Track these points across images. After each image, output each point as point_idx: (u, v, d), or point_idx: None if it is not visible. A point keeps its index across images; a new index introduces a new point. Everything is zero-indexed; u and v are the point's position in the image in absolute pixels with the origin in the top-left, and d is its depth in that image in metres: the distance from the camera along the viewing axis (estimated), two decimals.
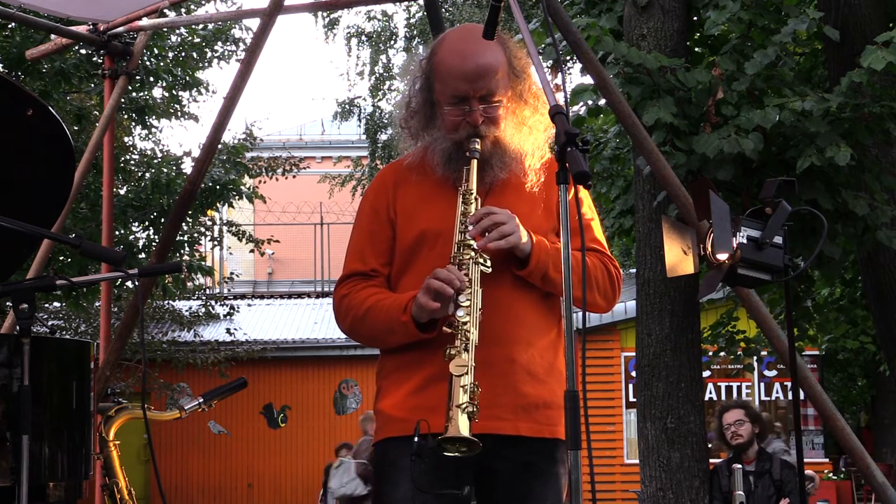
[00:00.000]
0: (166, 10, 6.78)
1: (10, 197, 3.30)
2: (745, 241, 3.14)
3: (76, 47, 10.38)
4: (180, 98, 13.68)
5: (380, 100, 20.37)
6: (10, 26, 10.70)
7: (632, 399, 14.06)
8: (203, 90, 13.61)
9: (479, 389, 2.46)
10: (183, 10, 10.77)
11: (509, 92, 2.71)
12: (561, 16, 5.19)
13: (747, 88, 7.14)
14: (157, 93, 13.39)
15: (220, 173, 13.08)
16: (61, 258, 11.26)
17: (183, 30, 12.98)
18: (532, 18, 9.62)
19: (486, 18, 2.53)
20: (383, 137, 19.90)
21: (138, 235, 12.93)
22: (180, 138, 78.81)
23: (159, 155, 13.69)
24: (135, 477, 3.81)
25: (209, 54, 13.62)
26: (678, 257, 3.29)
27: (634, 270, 8.26)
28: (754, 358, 13.31)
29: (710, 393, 15.34)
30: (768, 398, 15.87)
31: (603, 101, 7.33)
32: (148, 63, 12.15)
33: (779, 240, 3.19)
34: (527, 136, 2.72)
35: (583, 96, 7.31)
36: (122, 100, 7.92)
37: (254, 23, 10.05)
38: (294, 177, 16.10)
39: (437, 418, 2.45)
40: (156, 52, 12.30)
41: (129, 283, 9.45)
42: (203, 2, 13.62)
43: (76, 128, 11.22)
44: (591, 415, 2.28)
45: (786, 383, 15.26)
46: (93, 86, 11.62)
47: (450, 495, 2.57)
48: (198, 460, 16.86)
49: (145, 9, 6.11)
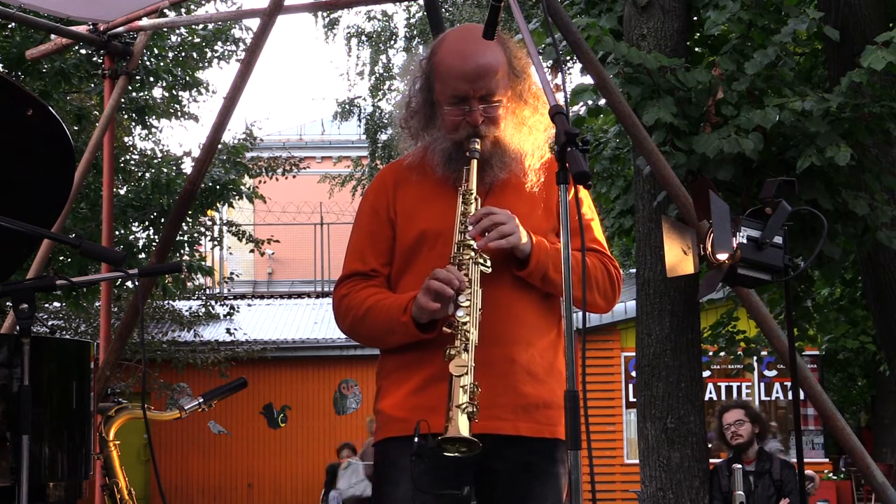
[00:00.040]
0: (166, 10, 6.78)
1: (10, 197, 3.30)
2: (745, 241, 3.14)
3: (76, 47, 10.38)
4: (180, 98, 13.67)
5: (380, 100, 20.37)
6: (10, 26, 10.70)
7: (632, 399, 14.05)
8: (203, 90, 13.61)
9: (479, 390, 2.46)
10: (183, 10, 10.77)
11: (509, 92, 2.71)
12: (561, 16, 5.19)
13: (747, 88, 7.14)
14: (157, 93, 13.39)
15: (220, 173, 13.07)
16: (61, 258, 11.26)
17: (183, 30, 12.98)
18: (532, 18, 9.62)
19: (486, 18, 2.53)
20: (383, 137, 19.89)
21: (138, 235, 12.93)
22: (180, 138, 78.86)
23: (159, 155, 13.68)
24: (135, 477, 3.81)
25: (209, 54, 13.62)
26: (678, 257, 3.29)
27: (634, 270, 8.26)
28: (754, 358, 13.31)
29: (710, 393, 15.33)
30: (768, 398, 15.87)
31: (603, 101, 7.33)
32: (148, 63, 12.14)
33: (779, 240, 3.19)
34: (527, 136, 2.72)
35: (583, 96, 7.31)
36: (122, 100, 7.92)
37: (254, 23, 10.05)
38: (294, 177, 16.09)
39: (437, 418, 2.45)
40: (156, 52, 12.30)
41: (129, 283, 9.45)
42: (203, 2, 13.63)
43: (76, 128, 11.21)
44: (591, 415, 2.28)
45: (786, 383, 15.26)
46: (93, 86, 11.62)
47: (450, 495, 2.56)
48: (198, 460, 16.85)
49: (145, 9, 6.11)
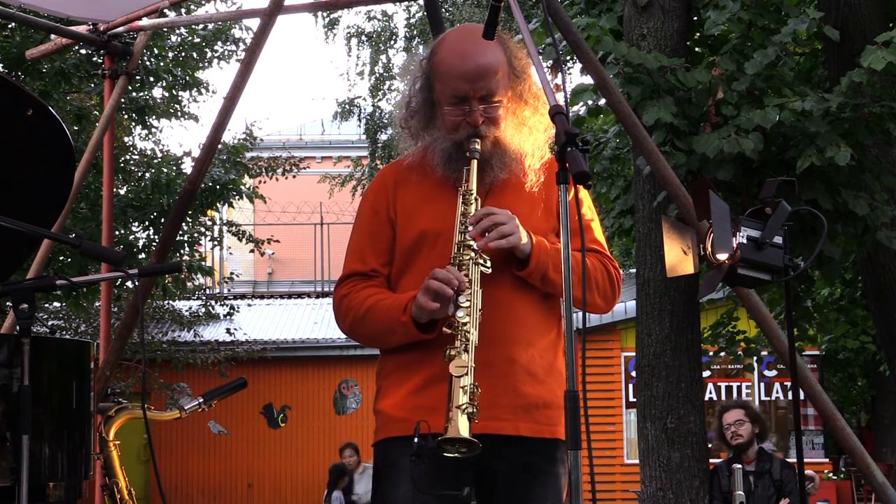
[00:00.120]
0: (166, 10, 6.78)
1: (10, 197, 3.30)
2: (745, 241, 3.14)
3: (76, 47, 10.38)
4: (180, 98, 13.67)
5: (380, 100, 20.37)
6: (10, 26, 10.70)
7: (632, 399, 14.05)
8: (203, 90, 13.60)
9: (479, 390, 2.46)
10: (183, 10, 10.77)
11: (509, 92, 2.70)
12: (561, 16, 5.19)
13: (747, 88, 7.13)
14: (157, 93, 13.39)
15: (220, 173, 13.07)
16: (61, 258, 11.26)
17: (183, 30, 12.98)
18: (532, 18, 9.62)
19: (486, 18, 2.53)
20: (383, 137, 19.89)
21: (138, 235, 12.92)
22: (180, 138, 78.87)
23: (159, 155, 13.68)
24: (135, 477, 3.81)
25: (209, 54, 13.61)
26: (678, 257, 3.29)
27: (634, 270, 8.26)
28: (754, 358, 13.31)
29: (710, 393, 15.33)
30: (768, 398, 15.86)
31: (603, 101, 7.33)
32: (148, 63, 12.14)
33: (779, 240, 3.18)
34: (527, 136, 2.72)
35: (583, 96, 7.31)
36: (122, 100, 7.92)
37: (254, 23, 10.05)
38: (294, 177, 16.09)
39: (437, 419, 2.45)
40: (156, 52, 12.30)
41: (129, 283, 9.44)
42: (203, 2, 13.63)
43: (76, 128, 11.21)
44: (591, 415, 2.27)
45: (786, 383, 15.26)
46: (93, 86, 11.62)
47: (450, 496, 2.56)
48: (198, 460, 16.85)
49: (145, 9, 6.11)
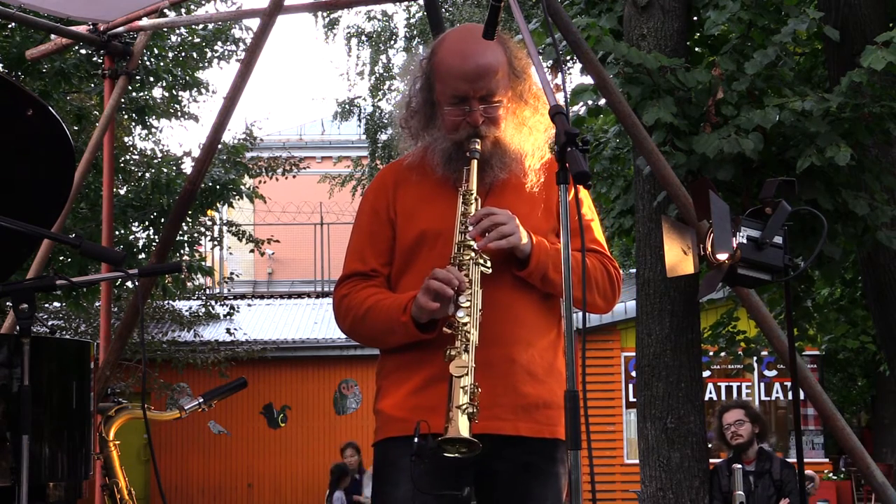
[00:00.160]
0: (166, 10, 6.77)
1: (10, 197, 3.30)
2: (745, 241, 3.14)
3: (76, 47, 10.38)
4: (180, 98, 13.67)
5: (380, 100, 20.37)
6: (10, 26, 10.70)
7: (632, 399, 14.05)
8: (203, 90, 13.60)
9: (479, 390, 2.46)
10: (183, 10, 10.77)
11: (509, 92, 2.70)
12: (561, 16, 5.19)
13: (747, 88, 7.13)
14: (157, 93, 13.38)
15: (220, 173, 13.07)
16: (61, 258, 11.25)
17: (183, 30, 12.98)
18: (532, 18, 9.62)
19: (486, 18, 2.53)
20: (383, 137, 19.89)
21: (138, 235, 12.92)
22: (180, 138, 78.87)
23: (159, 155, 13.68)
24: (135, 477, 3.81)
25: (209, 54, 13.61)
26: (678, 257, 3.29)
27: (634, 270, 8.26)
28: (754, 358, 13.31)
29: (710, 393, 15.33)
30: (768, 398, 15.86)
31: (603, 101, 7.33)
32: (148, 63, 12.14)
33: (779, 240, 3.18)
34: (527, 136, 2.72)
35: (583, 96, 7.31)
36: (122, 100, 7.92)
37: (254, 23, 10.05)
38: (294, 177, 16.08)
39: (437, 419, 2.45)
40: (156, 52, 12.30)
41: (129, 283, 9.44)
42: (203, 2, 13.62)
43: (76, 128, 11.21)
44: (591, 415, 2.27)
45: (786, 383, 15.26)
46: (93, 86, 11.62)
47: (450, 496, 2.56)
48: (198, 460, 16.85)
49: (145, 9, 6.11)
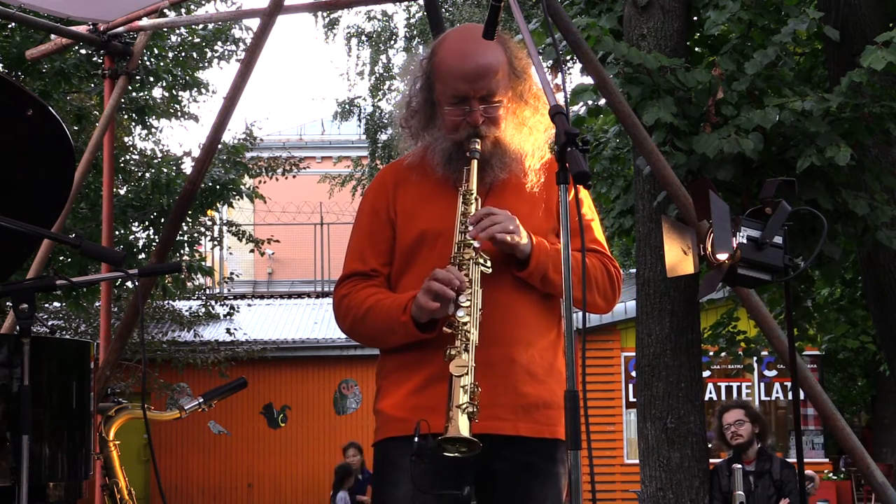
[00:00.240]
0: (166, 10, 6.77)
1: (10, 197, 3.30)
2: (745, 241, 3.14)
3: (76, 47, 10.38)
4: (180, 98, 13.67)
5: (380, 100, 20.37)
6: (10, 26, 10.69)
7: (632, 399, 14.05)
8: (203, 90, 13.60)
9: (479, 390, 2.46)
10: (183, 10, 10.77)
11: (510, 92, 2.70)
12: (561, 16, 5.19)
13: (747, 88, 7.13)
14: (157, 93, 13.38)
15: (220, 173, 13.07)
16: (61, 258, 11.25)
17: (183, 30, 12.98)
18: (532, 18, 9.62)
19: (486, 18, 2.52)
20: (383, 137, 19.89)
21: (138, 235, 12.91)
22: (180, 138, 78.87)
23: (159, 155, 13.68)
24: (135, 477, 3.81)
25: (209, 54, 13.61)
26: (678, 257, 3.29)
27: (634, 270, 8.26)
28: (754, 358, 13.31)
29: (710, 393, 15.33)
30: (768, 398, 15.87)
31: (603, 101, 7.33)
32: (148, 63, 12.14)
33: (779, 240, 3.18)
34: (527, 136, 2.72)
35: (583, 96, 7.31)
36: (122, 100, 7.91)
37: (254, 23, 10.05)
38: (294, 177, 16.08)
39: (437, 418, 2.45)
40: (156, 52, 12.30)
41: (129, 283, 9.44)
42: (203, 2, 13.62)
43: (76, 128, 11.21)
44: (591, 415, 2.27)
45: (786, 383, 15.26)
46: (93, 86, 11.62)
47: (450, 495, 2.56)
48: (198, 460, 16.85)
49: (145, 9, 6.10)
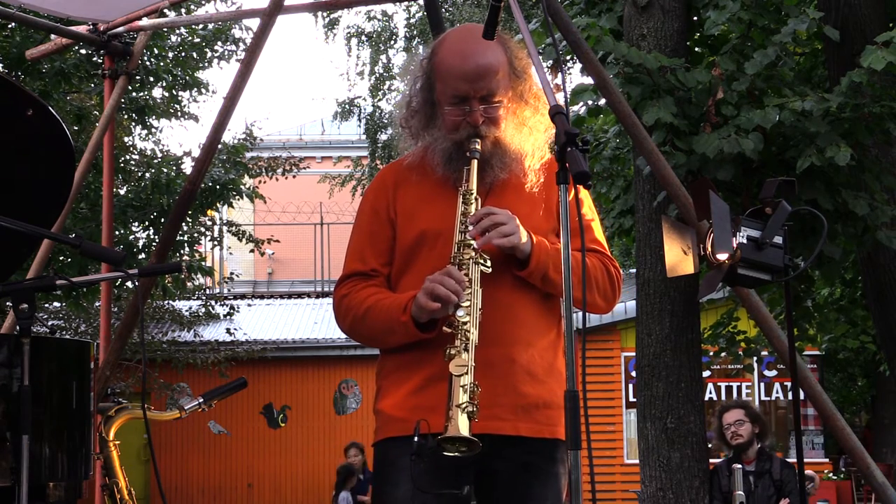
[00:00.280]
0: (166, 10, 6.77)
1: (10, 197, 3.29)
2: (745, 241, 3.14)
3: (76, 47, 10.38)
4: (180, 98, 13.67)
5: (380, 100, 20.37)
6: (10, 26, 10.70)
7: (632, 399, 14.05)
8: (203, 90, 13.60)
9: (479, 389, 2.46)
10: (183, 10, 10.77)
11: (510, 92, 2.70)
12: (561, 16, 5.19)
13: (747, 88, 7.13)
14: (157, 93, 13.38)
15: (220, 173, 13.07)
16: (61, 258, 11.25)
17: (183, 30, 12.98)
18: (532, 18, 9.62)
19: (486, 18, 2.52)
20: (383, 137, 19.89)
21: (138, 235, 12.92)
22: (180, 138, 78.88)
23: (159, 155, 13.68)
24: (135, 477, 3.81)
25: (209, 54, 13.61)
26: (678, 257, 3.29)
27: (634, 270, 8.26)
28: (754, 358, 13.31)
29: (710, 393, 15.34)
30: (768, 398, 15.87)
31: (603, 101, 7.33)
32: (148, 63, 12.14)
33: (779, 240, 3.19)
34: (527, 136, 2.72)
35: (583, 96, 7.31)
36: (122, 100, 7.92)
37: (254, 23, 10.05)
38: (294, 177, 16.09)
39: (437, 418, 2.45)
40: (156, 52, 12.30)
41: (129, 283, 9.44)
42: (203, 2, 13.62)
43: (76, 128, 11.21)
44: (591, 415, 2.28)
45: (786, 383, 15.27)
46: (93, 86, 11.62)
47: (449, 495, 2.56)
48: (198, 460, 16.85)
49: (145, 9, 6.11)
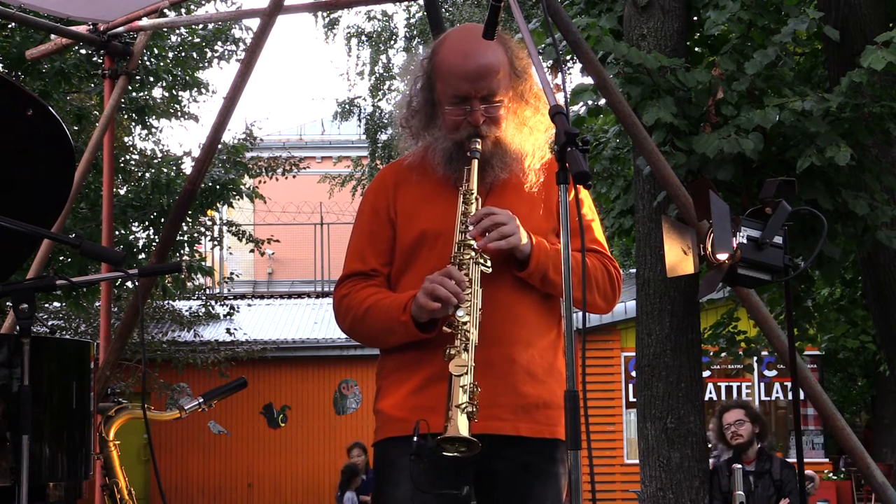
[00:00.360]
0: (166, 10, 6.77)
1: (10, 197, 3.29)
2: (745, 241, 3.14)
3: (76, 47, 10.38)
4: (180, 98, 13.67)
5: (380, 100, 20.37)
6: (10, 26, 10.70)
7: (632, 399, 14.06)
8: (203, 90, 13.60)
9: (479, 389, 2.46)
10: (183, 10, 10.77)
11: (510, 92, 2.70)
12: (561, 16, 5.19)
13: (747, 88, 7.13)
14: (157, 93, 13.39)
15: (220, 173, 13.07)
16: (61, 258, 11.25)
17: (183, 30, 12.98)
18: (532, 18, 9.62)
19: (486, 18, 2.52)
20: (383, 137, 19.89)
21: (138, 235, 12.92)
22: (180, 138, 78.88)
23: (159, 155, 13.68)
24: (135, 477, 3.81)
25: (209, 54, 13.61)
26: (678, 257, 3.29)
27: (634, 270, 8.25)
28: (754, 358, 13.31)
29: (710, 393, 15.34)
30: (768, 398, 15.87)
31: (603, 101, 7.33)
32: (148, 63, 12.14)
33: (779, 240, 3.19)
34: (528, 136, 2.72)
35: (583, 96, 7.31)
36: (122, 100, 7.91)
37: (254, 23, 10.05)
38: (294, 177, 16.09)
39: (437, 418, 2.45)
40: (156, 52, 12.30)
41: (129, 283, 9.44)
42: (203, 2, 13.62)
43: (76, 128, 11.21)
44: (591, 415, 2.27)
45: (786, 383, 15.27)
46: (93, 86, 11.62)
47: (449, 495, 2.56)
48: (198, 460, 16.85)
49: (145, 9, 6.11)
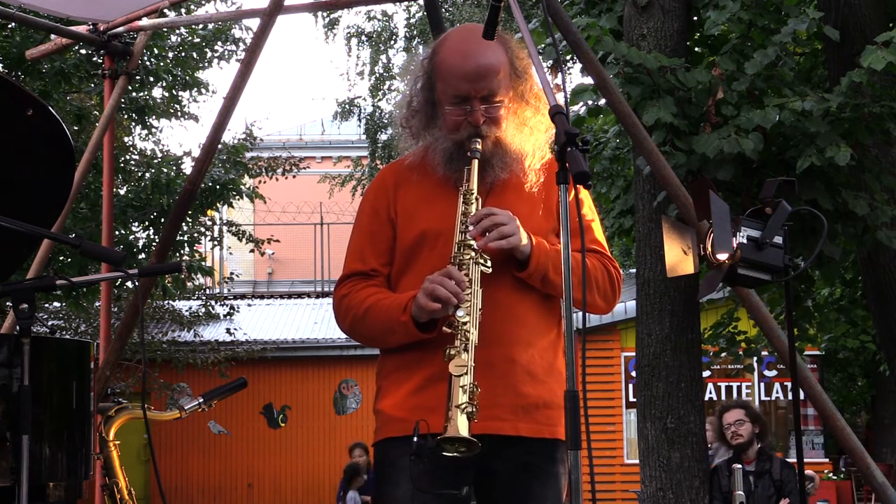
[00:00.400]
0: (166, 10, 6.77)
1: (10, 197, 3.30)
2: (745, 241, 3.14)
3: (76, 47, 10.38)
4: (180, 98, 13.67)
5: (380, 100, 20.37)
6: (10, 26, 10.70)
7: (632, 399, 14.05)
8: (203, 90, 13.60)
9: (479, 390, 2.46)
10: (183, 10, 10.76)
11: (511, 92, 2.70)
12: (561, 16, 5.19)
13: (747, 88, 7.13)
14: (157, 93, 13.39)
15: (220, 173, 13.08)
16: (61, 258, 11.25)
17: (183, 30, 12.98)
18: (532, 18, 9.62)
19: (486, 18, 2.52)
20: (383, 137, 19.89)
21: (138, 235, 12.92)
22: (180, 138, 78.89)
23: (159, 155, 13.68)
24: (135, 477, 3.81)
25: (209, 54, 13.61)
26: (678, 257, 3.29)
27: (634, 270, 8.25)
28: (754, 358, 13.31)
29: (710, 393, 15.34)
30: (768, 398, 15.87)
31: (603, 101, 7.33)
32: (148, 63, 12.14)
33: (779, 240, 3.19)
34: (528, 136, 2.72)
35: (583, 96, 7.31)
36: (122, 100, 7.92)
37: (254, 23, 10.05)
38: (294, 177, 16.09)
39: (437, 418, 2.45)
40: (156, 52, 12.30)
41: (129, 283, 9.44)
42: (203, 2, 13.62)
43: (76, 128, 11.21)
44: (591, 415, 2.28)
45: (786, 383, 15.27)
46: (93, 86, 11.62)
47: (449, 495, 2.56)
48: (198, 460, 16.86)
49: (145, 9, 6.11)
